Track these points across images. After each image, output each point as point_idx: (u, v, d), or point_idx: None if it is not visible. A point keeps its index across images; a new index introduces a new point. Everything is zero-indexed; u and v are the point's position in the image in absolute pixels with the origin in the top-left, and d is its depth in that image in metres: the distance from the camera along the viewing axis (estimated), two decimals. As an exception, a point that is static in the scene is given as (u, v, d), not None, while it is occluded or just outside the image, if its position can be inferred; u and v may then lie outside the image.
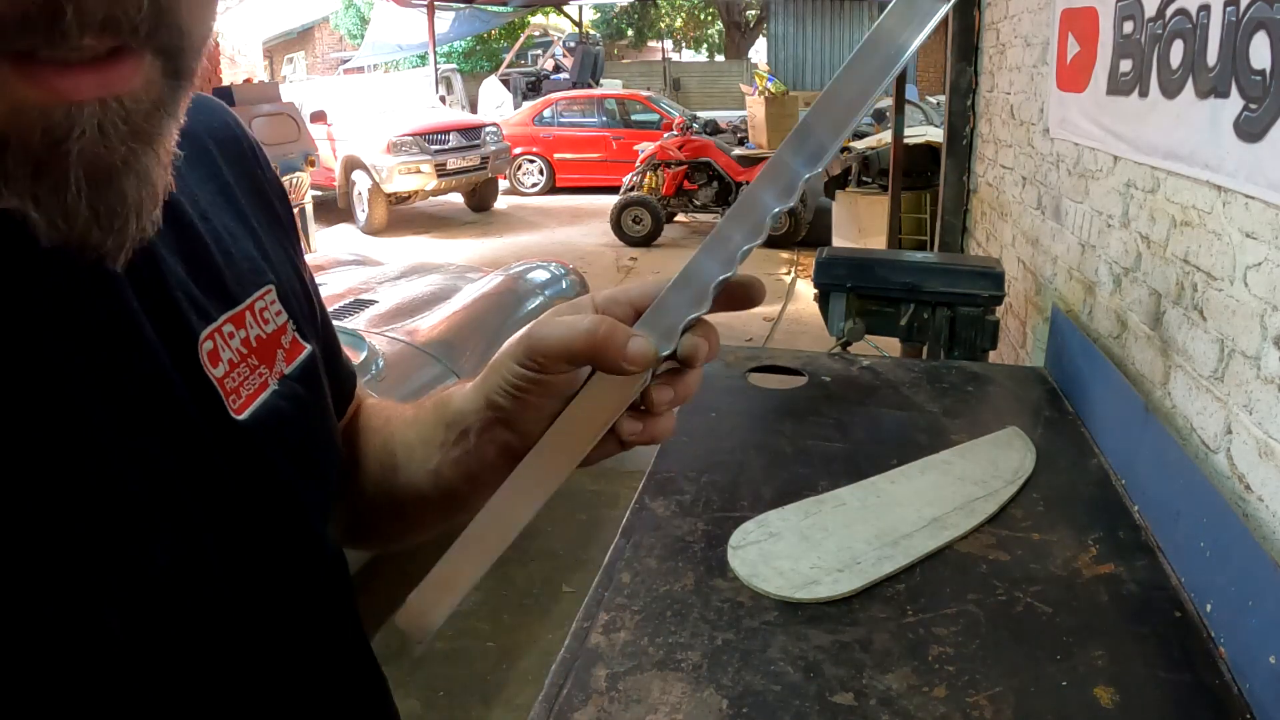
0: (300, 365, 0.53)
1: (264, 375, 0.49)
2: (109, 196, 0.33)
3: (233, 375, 0.46)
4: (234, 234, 0.51)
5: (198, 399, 0.43)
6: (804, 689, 0.96)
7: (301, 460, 0.51)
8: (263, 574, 0.47)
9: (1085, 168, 2.08)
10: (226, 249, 0.49)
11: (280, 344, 0.51)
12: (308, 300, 0.59)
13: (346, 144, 9.23)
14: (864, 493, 1.36)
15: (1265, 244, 1.18)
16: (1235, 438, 1.24)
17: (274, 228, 0.57)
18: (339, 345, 0.66)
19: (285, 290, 0.54)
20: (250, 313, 0.49)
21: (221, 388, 0.45)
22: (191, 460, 0.42)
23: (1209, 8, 1.34)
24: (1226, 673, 1.00)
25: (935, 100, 9.60)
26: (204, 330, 0.45)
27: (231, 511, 0.45)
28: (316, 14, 20.28)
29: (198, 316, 0.45)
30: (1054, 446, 1.54)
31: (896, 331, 2.40)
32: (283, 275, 0.55)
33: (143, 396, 0.40)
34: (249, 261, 0.51)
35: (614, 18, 23.10)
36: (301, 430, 0.52)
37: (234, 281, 0.49)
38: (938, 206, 3.92)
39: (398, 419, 0.64)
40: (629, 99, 11.93)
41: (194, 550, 0.42)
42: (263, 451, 0.47)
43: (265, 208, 0.57)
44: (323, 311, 0.62)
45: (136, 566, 0.38)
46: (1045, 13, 2.45)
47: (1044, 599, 1.12)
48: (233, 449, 0.45)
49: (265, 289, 0.52)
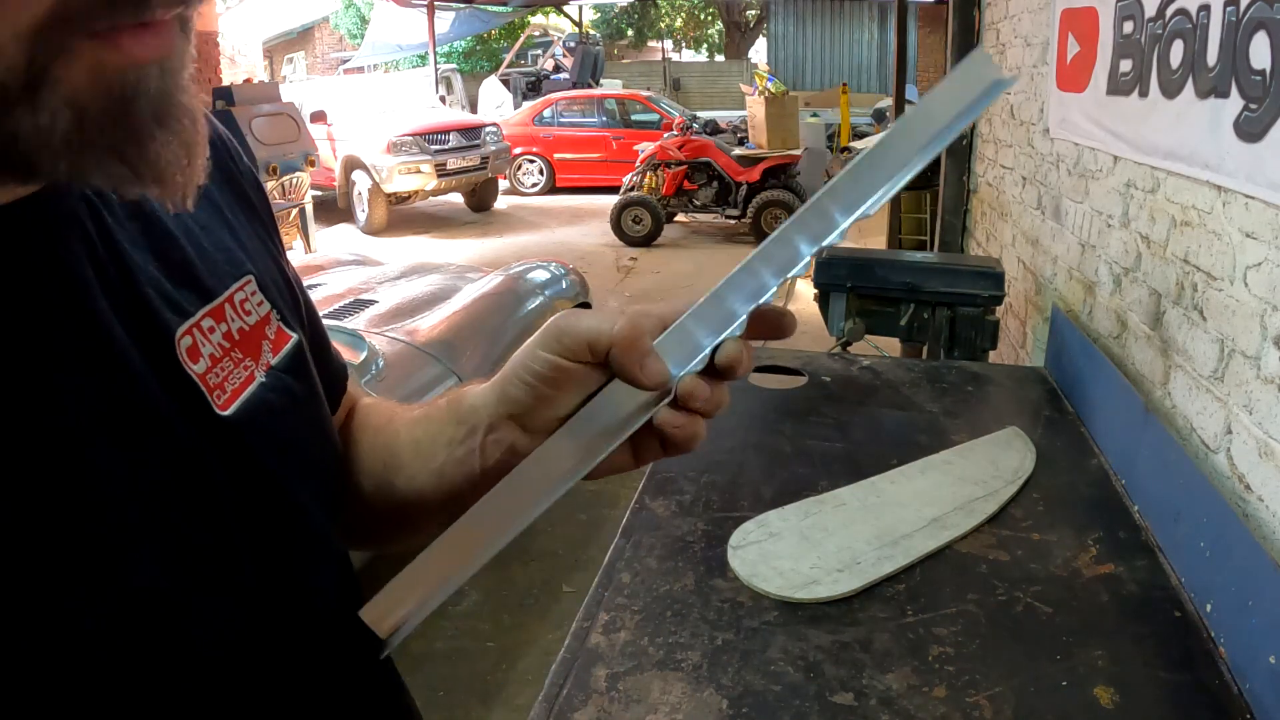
0: (288, 355, 0.52)
1: (250, 368, 0.48)
2: (177, 145, 0.35)
3: (215, 370, 0.45)
4: (207, 226, 0.50)
5: (178, 398, 0.42)
6: (804, 689, 0.96)
7: (295, 455, 0.50)
8: (260, 577, 0.46)
9: (1085, 168, 2.07)
10: (199, 242, 0.48)
11: (265, 334, 0.50)
12: (290, 290, 0.58)
13: (346, 144, 9.23)
14: (864, 493, 1.36)
15: (1265, 244, 1.18)
16: (1235, 438, 1.24)
17: (250, 219, 0.56)
18: (327, 339, 0.65)
19: (265, 280, 0.53)
20: (230, 305, 0.48)
21: (204, 384, 0.44)
22: (175, 462, 0.41)
23: (1209, 8, 1.34)
24: (1226, 673, 1.00)
25: (935, 100, 9.57)
26: (181, 326, 0.44)
27: (223, 513, 0.44)
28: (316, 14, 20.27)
29: (172, 313, 0.44)
30: (1054, 446, 1.54)
31: (896, 331, 2.40)
32: (261, 265, 0.54)
33: (117, 401, 0.39)
34: (224, 253, 0.50)
35: (614, 18, 23.10)
36: (293, 423, 0.50)
37: (209, 274, 0.48)
38: (938, 206, 3.92)
39: (403, 418, 0.64)
40: (629, 99, 11.93)
41: (183, 557, 0.41)
42: (253, 447, 0.46)
43: (240, 199, 0.56)
44: (308, 303, 0.62)
45: (118, 579, 0.37)
46: (1045, 13, 2.45)
47: (1044, 599, 1.12)
48: (221, 447, 0.44)
49: (244, 280, 0.50)
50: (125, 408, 0.39)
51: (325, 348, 0.64)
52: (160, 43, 0.34)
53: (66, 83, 0.31)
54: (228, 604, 0.43)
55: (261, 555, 0.46)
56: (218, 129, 0.57)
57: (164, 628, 0.39)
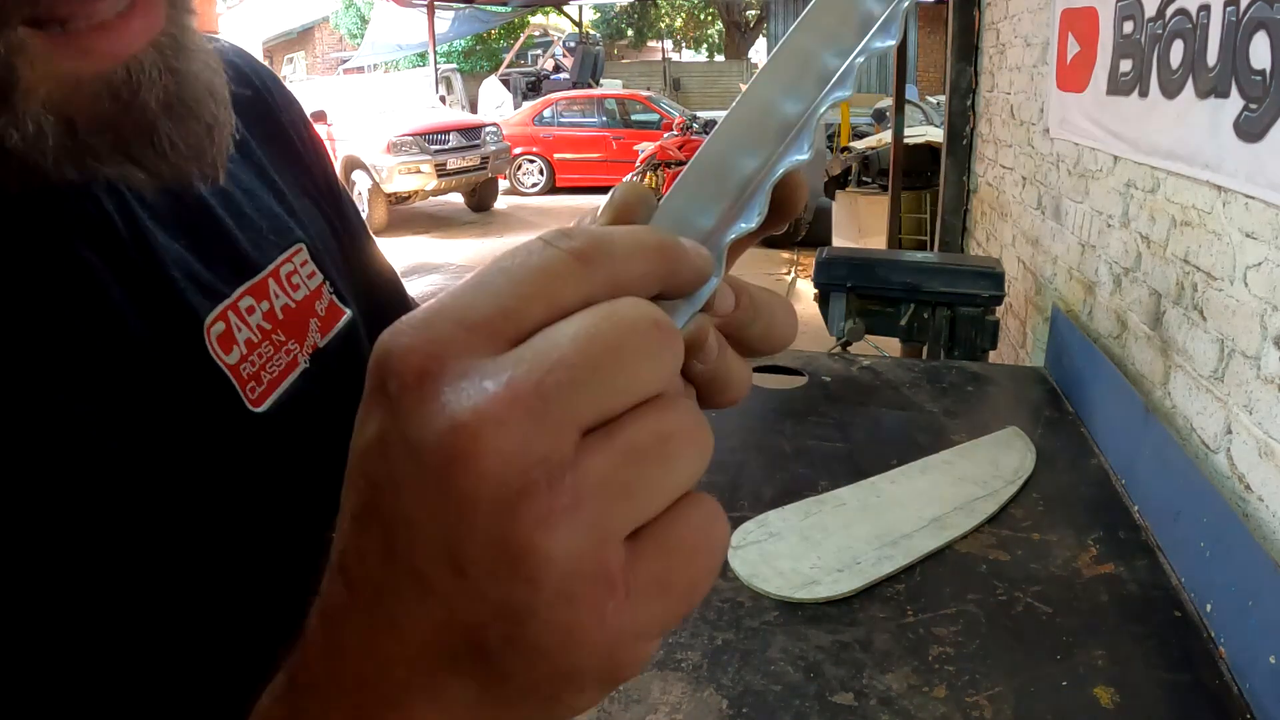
0: (338, 335, 0.46)
1: (293, 351, 0.43)
2: (193, 125, 0.33)
3: (251, 359, 0.40)
4: (250, 191, 0.45)
5: (205, 394, 0.38)
6: (804, 689, 0.96)
7: (339, 456, 0.44)
8: (294, 595, 0.41)
9: (1085, 168, 2.07)
10: (240, 210, 0.43)
11: (314, 311, 0.45)
12: (346, 255, 0.51)
13: (346, 144, 9.23)
14: (864, 493, 1.36)
15: (1265, 244, 1.18)
16: (1235, 438, 1.24)
17: (300, 176, 0.50)
18: (404, 299, 0.58)
19: (318, 247, 0.47)
20: (275, 279, 0.43)
21: (236, 376, 0.39)
22: (198, 467, 0.37)
23: (1209, 8, 1.34)
24: (1226, 673, 1.00)
25: (935, 100, 9.60)
26: (212, 312, 0.39)
27: (252, 523, 0.39)
28: (316, 14, 20.29)
29: (203, 296, 0.39)
30: (1054, 446, 1.54)
31: (896, 331, 2.40)
32: (314, 230, 0.48)
33: (133, 402, 0.35)
34: (270, 220, 0.45)
35: (614, 18, 23.11)
36: (338, 417, 0.43)
37: (252, 246, 0.42)
38: (938, 206, 3.92)
39: None
40: (629, 99, 11.94)
41: (204, 575, 0.36)
42: (289, 447, 0.41)
43: (286, 154, 0.49)
44: (379, 266, 0.55)
45: (131, 590, 0.34)
46: (1045, 13, 2.45)
47: (1044, 599, 1.12)
48: (251, 447, 0.39)
49: (293, 249, 0.45)
50: (142, 408, 0.35)
51: (397, 311, 0.59)
52: (140, 27, 0.30)
53: (40, 90, 0.28)
54: (257, 629, 0.38)
55: (291, 573, 0.40)
56: (258, 73, 0.51)
57: (175, 644, 0.36)
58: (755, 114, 0.27)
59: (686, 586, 0.23)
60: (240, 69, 0.49)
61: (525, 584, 0.20)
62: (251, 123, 0.48)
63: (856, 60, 0.27)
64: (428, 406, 0.20)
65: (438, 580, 0.21)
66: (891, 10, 0.28)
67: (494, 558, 0.20)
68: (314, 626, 0.25)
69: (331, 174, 0.54)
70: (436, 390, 0.20)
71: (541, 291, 0.22)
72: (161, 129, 0.32)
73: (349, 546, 0.23)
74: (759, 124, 0.27)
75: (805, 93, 0.28)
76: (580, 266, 0.22)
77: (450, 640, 0.22)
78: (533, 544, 0.20)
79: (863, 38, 0.28)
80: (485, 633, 0.21)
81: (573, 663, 0.21)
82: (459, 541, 0.20)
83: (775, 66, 0.28)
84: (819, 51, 0.28)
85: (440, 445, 0.20)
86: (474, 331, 0.21)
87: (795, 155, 0.27)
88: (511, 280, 0.22)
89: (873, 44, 0.28)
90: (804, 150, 0.27)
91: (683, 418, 0.22)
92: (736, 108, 0.28)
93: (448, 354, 0.21)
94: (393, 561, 0.21)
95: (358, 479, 0.23)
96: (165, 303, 0.37)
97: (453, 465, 0.20)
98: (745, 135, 0.27)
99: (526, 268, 0.22)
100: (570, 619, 0.21)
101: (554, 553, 0.20)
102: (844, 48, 0.28)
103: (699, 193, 0.27)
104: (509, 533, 0.20)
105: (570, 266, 0.22)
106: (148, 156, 0.32)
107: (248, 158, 0.46)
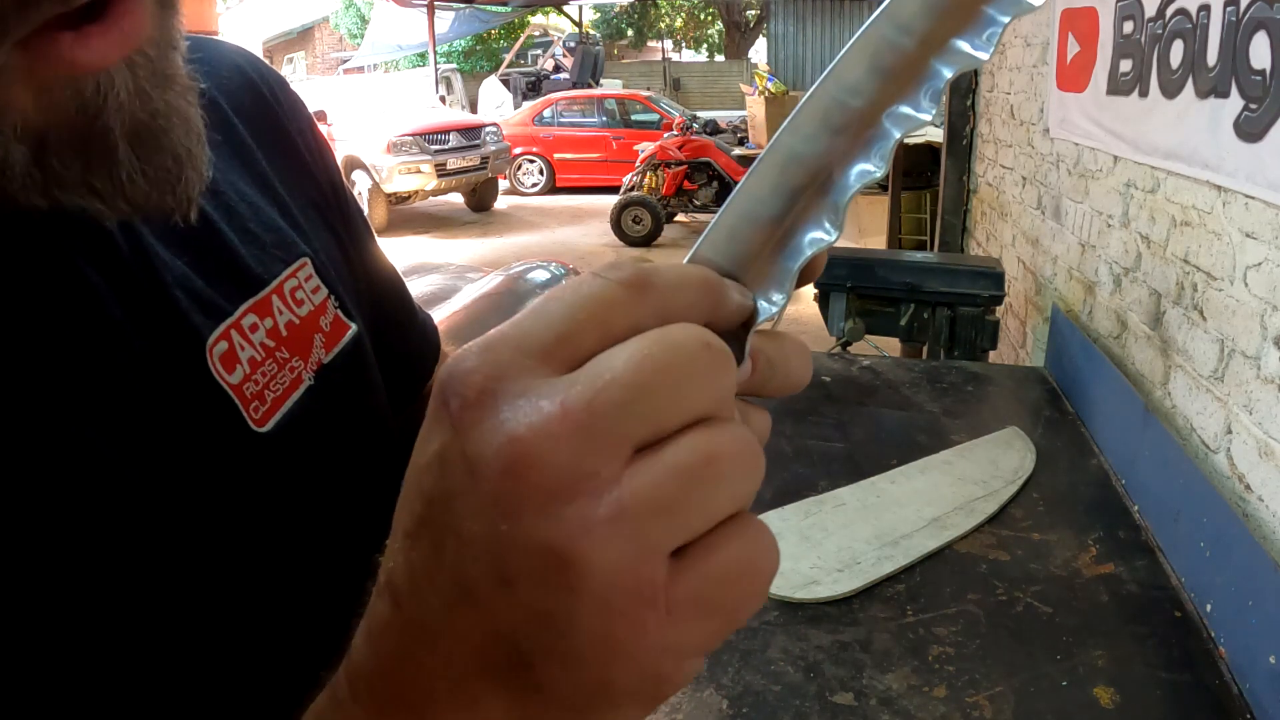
0: (343, 350, 0.45)
1: (297, 369, 0.42)
2: (160, 158, 0.31)
3: (255, 378, 0.39)
4: (254, 204, 0.44)
5: (208, 415, 0.37)
6: (804, 689, 0.96)
7: (344, 475, 0.43)
8: (299, 625, 0.39)
9: (1085, 168, 2.08)
10: (243, 224, 0.42)
11: (319, 326, 0.44)
12: (352, 268, 0.50)
13: (346, 144, 9.23)
14: (864, 493, 1.36)
15: (1265, 244, 1.18)
16: (1235, 438, 1.24)
17: (306, 186, 0.49)
18: (411, 310, 0.57)
19: (323, 261, 0.46)
20: (279, 295, 0.42)
21: (239, 396, 0.38)
22: (201, 490, 0.36)
23: (1209, 8, 1.34)
24: (1226, 673, 1.00)
25: (935, 100, 9.59)
26: (214, 331, 0.38)
27: (257, 543, 0.38)
28: (316, 14, 20.28)
29: (205, 315, 0.38)
30: (1054, 446, 1.54)
31: (896, 331, 2.40)
32: (319, 243, 0.47)
33: (135, 424, 0.34)
34: (275, 234, 0.44)
35: (614, 18, 23.11)
36: (343, 436, 0.44)
37: (256, 261, 0.42)
38: (938, 206, 3.92)
39: None
40: (629, 99, 11.93)
41: (209, 597, 0.36)
42: (293, 467, 0.40)
43: (291, 164, 0.48)
44: (386, 274, 0.54)
45: (131, 613, 0.33)
46: (1045, 13, 2.45)
47: (1044, 599, 1.12)
48: (255, 467, 0.38)
49: (299, 263, 0.44)
50: (144, 430, 0.35)
51: (403, 324, 0.56)
52: (118, 38, 0.28)
53: (14, 107, 0.27)
54: (259, 658, 0.38)
55: (298, 599, 0.40)
56: (265, 78, 0.49)
57: (177, 662, 0.35)
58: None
59: (729, 607, 0.23)
60: (247, 74, 0.48)
61: (566, 592, 0.21)
62: (259, 130, 0.47)
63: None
64: (486, 423, 0.21)
65: (483, 591, 0.21)
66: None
67: (537, 566, 0.21)
68: (358, 645, 0.25)
69: (337, 179, 0.53)
70: (495, 408, 0.21)
71: (594, 318, 0.23)
72: (122, 158, 0.30)
73: (398, 563, 0.23)
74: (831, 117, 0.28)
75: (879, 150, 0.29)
76: (630, 295, 0.23)
77: (492, 653, 0.22)
78: (575, 552, 0.20)
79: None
80: (525, 643, 0.21)
81: (610, 675, 0.22)
82: (505, 551, 0.21)
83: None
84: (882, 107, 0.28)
85: (495, 457, 0.21)
86: (532, 356, 0.22)
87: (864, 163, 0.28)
88: (566, 308, 0.23)
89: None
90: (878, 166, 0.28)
91: (732, 439, 0.23)
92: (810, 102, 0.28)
93: (507, 376, 0.22)
94: (440, 573, 0.22)
95: (413, 497, 0.23)
96: (167, 322, 0.37)
97: (505, 476, 0.21)
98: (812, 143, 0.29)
99: (579, 296, 0.23)
100: (609, 630, 0.21)
101: (595, 562, 0.20)
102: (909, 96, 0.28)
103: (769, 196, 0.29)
104: (553, 541, 0.21)
105: (620, 295, 0.23)
106: (110, 193, 0.30)
107: (252, 169, 0.45)
